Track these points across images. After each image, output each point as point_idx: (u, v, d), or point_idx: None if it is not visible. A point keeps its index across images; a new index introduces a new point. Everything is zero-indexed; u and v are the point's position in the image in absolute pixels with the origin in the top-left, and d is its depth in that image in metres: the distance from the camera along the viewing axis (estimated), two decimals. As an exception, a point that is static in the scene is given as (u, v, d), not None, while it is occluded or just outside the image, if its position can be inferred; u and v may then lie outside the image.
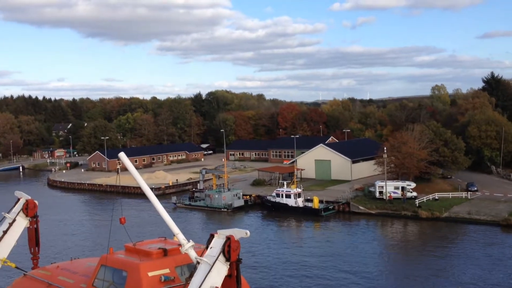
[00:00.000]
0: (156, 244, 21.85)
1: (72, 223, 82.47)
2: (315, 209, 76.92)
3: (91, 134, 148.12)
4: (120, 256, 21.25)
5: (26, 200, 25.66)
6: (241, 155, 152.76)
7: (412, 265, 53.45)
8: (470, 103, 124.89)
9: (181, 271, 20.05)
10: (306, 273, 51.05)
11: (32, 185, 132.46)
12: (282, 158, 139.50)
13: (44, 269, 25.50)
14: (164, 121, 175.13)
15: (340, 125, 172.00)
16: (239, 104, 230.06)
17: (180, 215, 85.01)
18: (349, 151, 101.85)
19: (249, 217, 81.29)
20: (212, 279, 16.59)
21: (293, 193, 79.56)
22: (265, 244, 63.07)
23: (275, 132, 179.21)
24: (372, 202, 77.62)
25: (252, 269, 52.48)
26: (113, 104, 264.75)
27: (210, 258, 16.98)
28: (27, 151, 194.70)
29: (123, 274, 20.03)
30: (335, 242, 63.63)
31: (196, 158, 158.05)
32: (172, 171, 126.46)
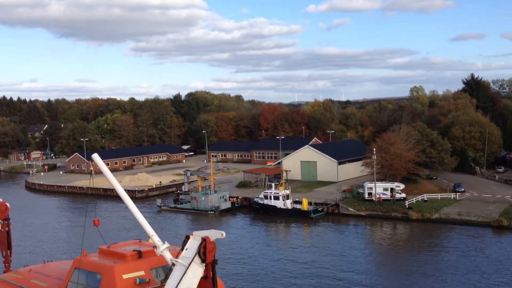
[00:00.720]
0: (131, 246, 21.52)
1: (51, 226, 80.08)
2: (304, 211, 76.00)
3: (70, 135, 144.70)
4: (94, 259, 20.91)
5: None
6: (223, 157, 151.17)
7: (404, 267, 52.81)
8: (453, 104, 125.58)
9: (156, 273, 19.81)
10: (295, 276, 50.02)
11: (9, 188, 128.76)
12: (265, 160, 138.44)
13: (16, 272, 24.98)
14: (144, 122, 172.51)
15: (321, 126, 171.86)
16: (219, 105, 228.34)
17: (166, 218, 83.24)
18: (335, 152, 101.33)
19: (237, 219, 79.96)
20: (187, 280, 16.40)
21: (282, 195, 78.50)
22: (253, 248, 61.86)
23: (257, 133, 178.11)
24: (362, 203, 77.04)
25: (238, 276, 51.22)
26: (90, 105, 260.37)
27: (186, 259, 16.76)
28: (2, 153, 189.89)
29: (97, 277, 19.72)
30: (325, 244, 62.60)
31: (178, 159, 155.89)
32: (154, 173, 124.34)
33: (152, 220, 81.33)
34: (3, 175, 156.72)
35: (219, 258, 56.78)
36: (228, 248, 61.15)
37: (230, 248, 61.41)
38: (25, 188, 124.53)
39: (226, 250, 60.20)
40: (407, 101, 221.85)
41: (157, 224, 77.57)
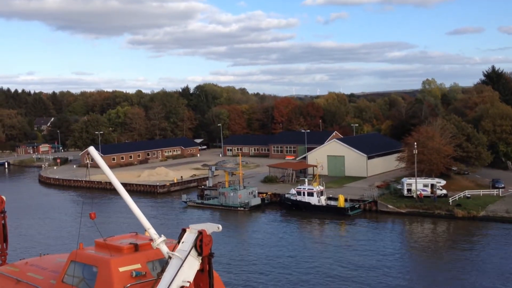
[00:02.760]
0: (127, 239, 21.31)
1: (67, 222, 76.84)
2: (341, 208, 72.67)
3: (83, 128, 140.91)
4: (90, 252, 20.75)
5: None
6: (239, 151, 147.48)
7: (455, 268, 49.61)
8: (479, 97, 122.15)
9: (152, 266, 19.65)
10: (332, 275, 46.80)
11: (22, 182, 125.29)
12: (284, 154, 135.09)
13: (12, 265, 24.89)
14: (156, 115, 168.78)
15: (336, 120, 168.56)
16: (228, 98, 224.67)
17: (192, 214, 79.87)
18: (363, 146, 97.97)
19: (268, 216, 76.62)
20: (184, 273, 16.42)
21: (316, 191, 75.17)
22: (286, 247, 58.63)
23: (270, 126, 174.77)
24: (401, 200, 73.74)
25: (269, 275, 47.97)
26: (95, 98, 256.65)
27: (182, 252, 16.75)
28: (10, 146, 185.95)
29: (93, 269, 19.65)
30: (364, 243, 59.32)
31: (192, 153, 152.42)
32: (171, 167, 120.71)
33: (179, 217, 78.18)
34: (12, 168, 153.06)
35: (257, 256, 53.24)
36: (263, 246, 57.93)
37: (265, 246, 58.19)
38: (38, 183, 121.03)
39: (260, 247, 57.03)
40: (420, 94, 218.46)
41: (186, 222, 74.31)
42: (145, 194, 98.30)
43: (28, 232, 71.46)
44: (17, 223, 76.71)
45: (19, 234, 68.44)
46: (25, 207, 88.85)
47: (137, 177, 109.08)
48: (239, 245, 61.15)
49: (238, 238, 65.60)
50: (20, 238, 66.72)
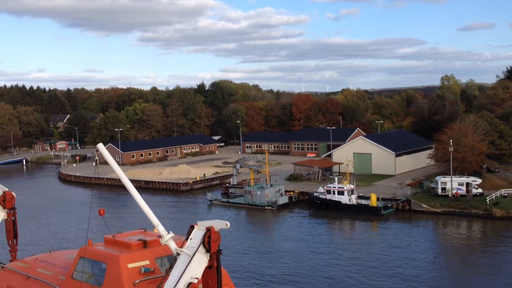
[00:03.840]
0: (136, 236, 21.45)
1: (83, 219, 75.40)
2: (373, 207, 70.52)
3: (102, 125, 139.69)
4: (99, 248, 20.90)
5: (3, 192, 25.10)
6: (258, 148, 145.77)
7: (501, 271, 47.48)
8: (507, 93, 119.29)
9: (161, 263, 19.80)
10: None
11: (41, 179, 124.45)
12: (305, 151, 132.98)
13: (22, 261, 25.01)
14: (174, 112, 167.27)
15: (356, 116, 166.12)
16: (244, 95, 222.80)
17: (218, 213, 78.09)
18: (391, 144, 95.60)
19: (296, 215, 74.66)
20: (192, 270, 16.45)
21: (347, 190, 73.09)
22: (318, 247, 56.69)
23: (288, 123, 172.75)
24: (435, 199, 71.45)
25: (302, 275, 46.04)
26: (110, 94, 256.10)
27: (190, 249, 16.78)
28: (27, 143, 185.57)
29: (102, 266, 19.78)
30: (400, 244, 57.21)
31: (211, 150, 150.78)
32: (191, 165, 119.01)
33: (205, 216, 76.37)
34: (30, 165, 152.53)
35: (291, 256, 50.63)
36: (292, 245, 56.06)
37: (295, 245, 56.33)
38: (58, 180, 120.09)
39: (290, 246, 55.14)
40: (439, 90, 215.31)
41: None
42: (168, 192, 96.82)
43: (42, 228, 71.18)
44: (33, 220, 76.19)
45: (31, 230, 67.42)
46: (47, 205, 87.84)
47: (158, 175, 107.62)
48: (268, 244, 59.37)
49: (266, 237, 63.88)
50: (34, 234, 65.97)
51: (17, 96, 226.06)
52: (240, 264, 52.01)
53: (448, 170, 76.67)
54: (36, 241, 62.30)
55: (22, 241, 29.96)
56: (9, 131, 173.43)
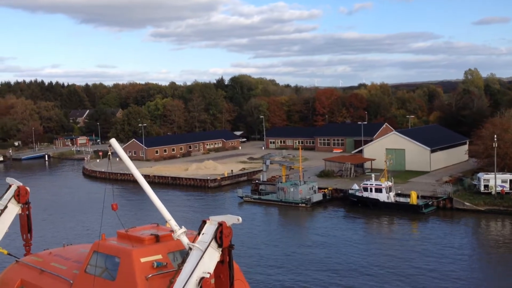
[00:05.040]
0: (149, 230, 21.45)
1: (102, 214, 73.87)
2: (414, 205, 67.91)
3: (125, 121, 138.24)
4: (113, 243, 20.95)
5: (17, 186, 25.16)
6: (282, 143, 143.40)
7: None
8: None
9: (173, 257, 19.82)
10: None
11: (65, 175, 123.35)
12: (331, 147, 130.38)
13: (36, 255, 25.15)
14: (196, 107, 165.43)
15: (381, 111, 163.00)
16: (264, 90, 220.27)
17: (250, 210, 76.08)
18: (425, 139, 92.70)
19: (331, 213, 72.29)
20: (204, 265, 16.55)
21: (385, 187, 70.57)
22: (356, 246, 54.28)
23: (311, 118, 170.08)
24: (478, 197, 68.59)
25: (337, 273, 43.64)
26: (129, 90, 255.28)
27: (202, 244, 16.84)
28: (48, 138, 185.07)
29: (115, 260, 19.85)
30: (441, 244, 54.69)
31: (233, 146, 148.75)
32: (217, 161, 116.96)
33: (237, 214, 74.34)
34: (52, 161, 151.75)
35: (331, 257, 47.81)
36: (329, 245, 53.74)
37: (332, 245, 54.01)
38: (82, 175, 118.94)
39: (326, 245, 52.86)
40: (462, 85, 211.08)
41: (245, 218, 70.59)
42: (196, 189, 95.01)
43: (58, 222, 70.38)
44: (52, 214, 76.17)
45: (48, 225, 66.17)
46: (72, 201, 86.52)
47: (184, 171, 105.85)
48: (304, 243, 57.17)
49: (302, 236, 61.68)
50: (50, 228, 65.04)
51: (36, 91, 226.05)
52: (276, 262, 49.97)
53: (490, 166, 73.90)
54: (51, 235, 62.11)
55: (37, 235, 30.01)
56: (31, 126, 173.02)
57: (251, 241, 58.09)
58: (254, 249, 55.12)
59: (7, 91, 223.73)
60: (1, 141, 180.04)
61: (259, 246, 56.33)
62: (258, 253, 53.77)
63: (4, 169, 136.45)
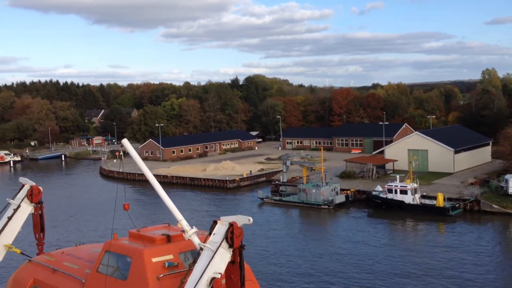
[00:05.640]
0: (160, 230, 21.49)
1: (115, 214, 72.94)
2: (440, 207, 66.30)
3: (141, 121, 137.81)
4: (124, 242, 21.00)
5: (30, 186, 25.25)
6: (299, 144, 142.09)
7: None
8: None
9: (184, 257, 19.81)
10: None
11: (82, 175, 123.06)
12: (349, 147, 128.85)
13: (49, 254, 25.24)
14: (212, 107, 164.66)
15: (398, 111, 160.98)
16: (279, 90, 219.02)
17: (271, 212, 74.94)
18: (448, 140, 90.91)
19: (354, 215, 70.87)
20: (215, 265, 16.53)
21: (410, 189, 69.06)
22: (382, 250, 52.86)
23: (327, 118, 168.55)
24: (506, 199, 66.76)
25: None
26: (143, 90, 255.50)
27: (213, 244, 16.87)
28: (63, 138, 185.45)
29: (127, 259, 19.90)
30: (469, 248, 53.11)
31: (250, 146, 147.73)
32: (234, 161, 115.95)
33: (258, 215, 73.19)
34: (69, 161, 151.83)
35: (352, 258, 46.20)
36: (355, 248, 52.37)
37: (356, 248, 52.65)
38: (99, 176, 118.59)
39: (354, 249, 51.51)
40: (480, 85, 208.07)
41: (264, 220, 69.55)
42: (214, 189, 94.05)
43: (72, 222, 70.68)
44: (67, 214, 75.97)
45: (61, 224, 65.50)
46: (89, 201, 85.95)
47: (202, 171, 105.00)
48: (327, 245, 55.85)
49: (324, 238, 60.35)
50: (62, 227, 64.80)
51: (52, 91, 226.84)
52: (299, 265, 48.75)
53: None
54: (63, 234, 62.10)
55: (50, 234, 30.53)
56: (47, 126, 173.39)
57: (272, 243, 57.04)
58: (276, 250, 54.02)
59: (22, 91, 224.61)
60: (18, 141, 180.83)
61: (281, 248, 55.22)
62: (280, 254, 52.68)
63: (22, 169, 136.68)
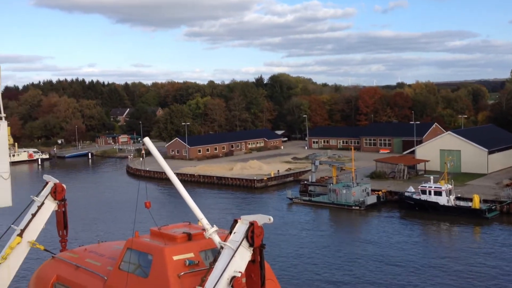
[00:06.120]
0: (181, 229, 21.60)
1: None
2: (476, 209, 64.44)
3: (167, 119, 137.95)
4: (146, 240, 21.10)
5: (54, 184, 25.51)
6: (325, 143, 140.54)
7: None
8: None
9: (205, 256, 19.83)
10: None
11: (109, 173, 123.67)
12: (377, 147, 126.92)
13: (72, 251, 25.59)
14: (237, 106, 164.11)
15: (426, 111, 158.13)
16: (304, 88, 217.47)
17: (301, 212, 73.91)
18: (481, 140, 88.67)
19: (386, 217, 69.32)
20: (235, 264, 16.52)
21: (445, 190, 67.32)
22: (415, 253, 51.29)
23: (353, 117, 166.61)
24: (545, 202, 64.71)
25: None
26: (168, 88, 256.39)
27: (234, 243, 16.80)
28: (90, 136, 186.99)
29: (148, 257, 19.99)
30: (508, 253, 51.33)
31: (275, 145, 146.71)
32: (261, 160, 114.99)
33: (288, 216, 72.29)
34: (95, 159, 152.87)
35: (384, 261, 44.33)
36: (387, 251, 50.92)
37: (389, 251, 51.20)
38: (126, 174, 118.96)
39: (387, 253, 50.09)
40: (509, 83, 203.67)
41: (295, 220, 68.58)
42: (241, 189, 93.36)
43: (96, 219, 70.89)
44: (91, 212, 76.35)
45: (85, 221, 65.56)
46: (114, 199, 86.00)
47: (229, 170, 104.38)
48: (359, 248, 54.53)
49: (356, 240, 58.97)
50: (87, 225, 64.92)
51: (78, 90, 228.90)
52: (331, 268, 47.59)
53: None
54: (86, 232, 62.34)
55: (73, 232, 30.71)
56: (73, 124, 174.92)
57: (303, 244, 56.07)
58: (306, 251, 53.00)
59: (49, 89, 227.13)
60: (45, 139, 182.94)
61: (310, 249, 54.19)
62: (311, 255, 51.63)
63: (50, 167, 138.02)
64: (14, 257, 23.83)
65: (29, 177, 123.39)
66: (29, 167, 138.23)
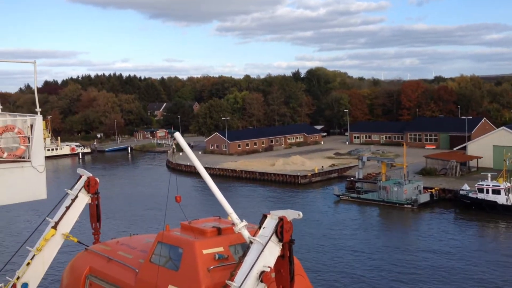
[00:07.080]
0: (211, 223, 21.40)
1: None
2: (539, 210, 60.94)
3: (207, 114, 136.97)
4: (176, 234, 20.98)
5: (87, 177, 25.63)
6: (367, 138, 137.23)
7: None
8: None
9: (234, 250, 19.52)
10: None
11: (149, 168, 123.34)
12: (422, 142, 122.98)
13: (104, 244, 25.86)
14: (276, 101, 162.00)
15: (472, 105, 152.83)
16: (343, 83, 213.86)
17: (350, 210, 71.42)
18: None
19: (440, 216, 66.25)
20: (265, 258, 16.56)
21: (504, 188, 63.87)
22: (474, 257, 48.25)
23: (395, 112, 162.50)
24: None
25: None
26: (203, 83, 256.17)
27: (263, 238, 16.76)
28: (128, 131, 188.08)
29: (179, 251, 19.91)
30: None
31: (315, 140, 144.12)
32: (303, 156, 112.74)
33: (337, 213, 70.00)
34: (134, 153, 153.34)
35: (447, 265, 40.63)
36: (441, 253, 48.03)
37: (447, 253, 48.28)
38: (167, 169, 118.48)
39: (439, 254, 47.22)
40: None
41: (345, 218, 66.18)
42: (285, 185, 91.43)
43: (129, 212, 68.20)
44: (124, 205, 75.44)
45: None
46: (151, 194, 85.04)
47: (271, 166, 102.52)
48: (414, 249, 51.79)
49: (411, 241, 56.21)
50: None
51: (116, 84, 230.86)
52: (381, 269, 45.11)
53: None
54: (119, 225, 62.20)
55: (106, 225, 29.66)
56: (113, 118, 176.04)
57: (355, 243, 53.76)
58: (360, 252, 50.69)
59: (88, 84, 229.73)
60: (84, 133, 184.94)
61: (363, 250, 51.86)
62: (362, 256, 49.32)
63: (92, 161, 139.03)
64: (48, 249, 24.19)
65: (71, 171, 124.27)
66: (71, 161, 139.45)
